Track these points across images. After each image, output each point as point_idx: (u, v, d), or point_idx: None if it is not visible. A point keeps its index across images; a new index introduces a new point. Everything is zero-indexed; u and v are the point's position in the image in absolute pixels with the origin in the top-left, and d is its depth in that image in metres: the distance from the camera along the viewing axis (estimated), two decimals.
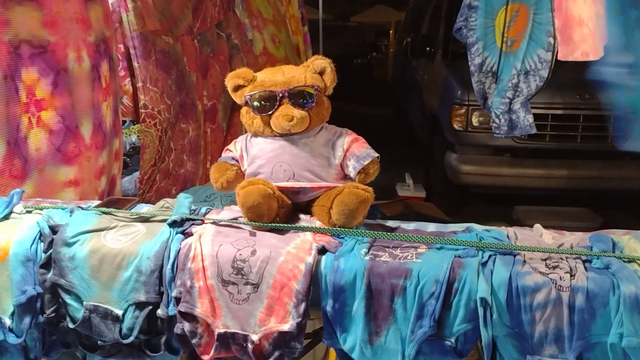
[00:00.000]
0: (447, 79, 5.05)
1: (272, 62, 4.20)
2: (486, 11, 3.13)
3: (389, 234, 1.33)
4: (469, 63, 3.23)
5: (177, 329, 1.27)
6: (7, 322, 1.34)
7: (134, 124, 3.80)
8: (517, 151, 4.57)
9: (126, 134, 3.86)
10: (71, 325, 1.33)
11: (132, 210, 1.48)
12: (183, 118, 3.29)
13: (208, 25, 3.54)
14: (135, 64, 2.88)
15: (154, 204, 1.58)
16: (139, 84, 2.89)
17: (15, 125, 1.84)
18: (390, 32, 15.12)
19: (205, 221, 1.41)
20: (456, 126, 4.60)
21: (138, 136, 3.75)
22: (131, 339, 1.30)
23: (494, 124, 3.29)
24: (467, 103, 4.47)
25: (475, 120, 4.50)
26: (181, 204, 1.46)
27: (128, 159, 3.73)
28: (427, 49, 5.90)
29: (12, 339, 1.34)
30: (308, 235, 1.34)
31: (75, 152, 2.11)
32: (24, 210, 1.46)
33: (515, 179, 4.53)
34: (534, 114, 3.14)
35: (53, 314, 1.33)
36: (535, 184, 4.53)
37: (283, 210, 1.41)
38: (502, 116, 3.21)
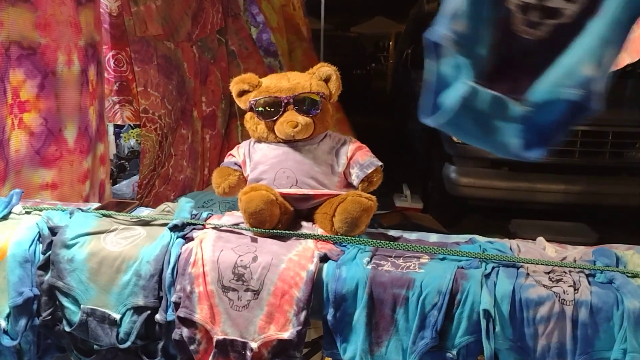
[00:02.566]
0: None
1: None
2: None
3: (391, 243, 1.32)
4: None
5: (175, 335, 1.26)
6: (2, 323, 1.32)
7: (133, 128, 3.78)
8: (515, 165, 4.57)
9: (125, 137, 3.84)
10: (67, 329, 1.31)
11: (133, 214, 1.47)
12: (184, 124, 3.28)
13: (208, 32, 3.53)
14: (136, 68, 2.87)
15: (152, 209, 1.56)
16: (140, 89, 2.88)
17: (1, 127, 1.81)
18: (390, 43, 15.18)
19: (207, 226, 1.39)
20: (455, 138, 4.60)
21: (137, 140, 3.73)
22: (128, 344, 1.28)
23: None
24: None
25: None
26: (182, 208, 1.45)
27: (126, 163, 3.71)
28: None
29: (6, 341, 1.32)
30: (310, 242, 1.33)
31: (56, 156, 2.06)
32: (23, 211, 1.45)
33: (512, 193, 4.53)
34: None
35: (49, 317, 1.32)
36: (532, 198, 4.53)
37: (285, 217, 1.40)
38: None
